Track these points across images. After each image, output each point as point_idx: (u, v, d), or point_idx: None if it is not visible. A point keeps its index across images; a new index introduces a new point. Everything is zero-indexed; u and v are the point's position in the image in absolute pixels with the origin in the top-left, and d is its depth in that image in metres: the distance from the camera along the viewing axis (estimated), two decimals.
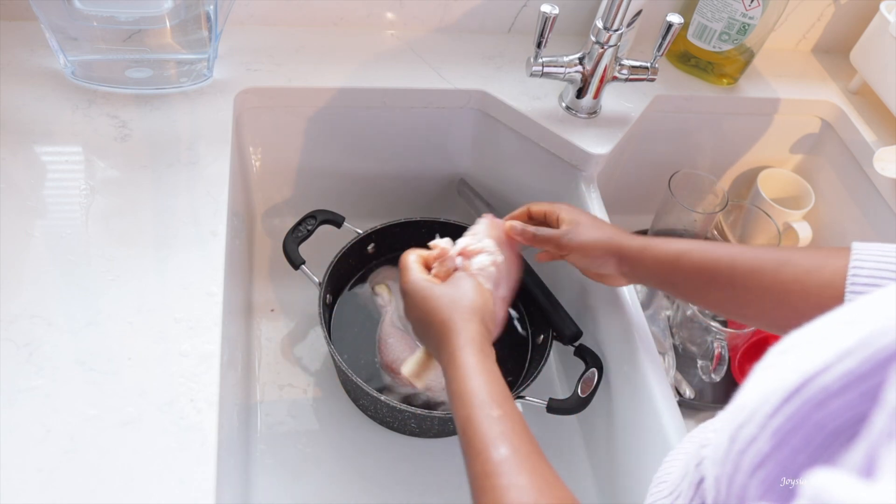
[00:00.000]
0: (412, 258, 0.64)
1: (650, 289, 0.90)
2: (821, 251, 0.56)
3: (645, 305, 0.87)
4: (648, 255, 0.63)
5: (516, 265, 0.71)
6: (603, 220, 0.70)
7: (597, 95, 0.82)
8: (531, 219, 0.72)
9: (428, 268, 0.65)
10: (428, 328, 0.59)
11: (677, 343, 0.89)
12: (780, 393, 0.29)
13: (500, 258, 0.66)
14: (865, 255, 0.53)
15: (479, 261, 0.64)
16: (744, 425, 0.31)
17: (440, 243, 0.66)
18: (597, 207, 0.81)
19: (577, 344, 0.76)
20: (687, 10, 0.89)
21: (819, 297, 0.53)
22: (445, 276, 0.64)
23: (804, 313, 0.54)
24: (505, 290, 0.67)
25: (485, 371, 0.52)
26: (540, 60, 0.78)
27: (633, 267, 0.65)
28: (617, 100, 0.86)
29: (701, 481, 0.39)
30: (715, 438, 0.35)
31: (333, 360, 0.73)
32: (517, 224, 0.70)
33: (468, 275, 0.63)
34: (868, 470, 0.24)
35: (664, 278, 0.63)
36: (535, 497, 0.42)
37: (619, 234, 0.66)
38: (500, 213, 0.92)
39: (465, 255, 0.65)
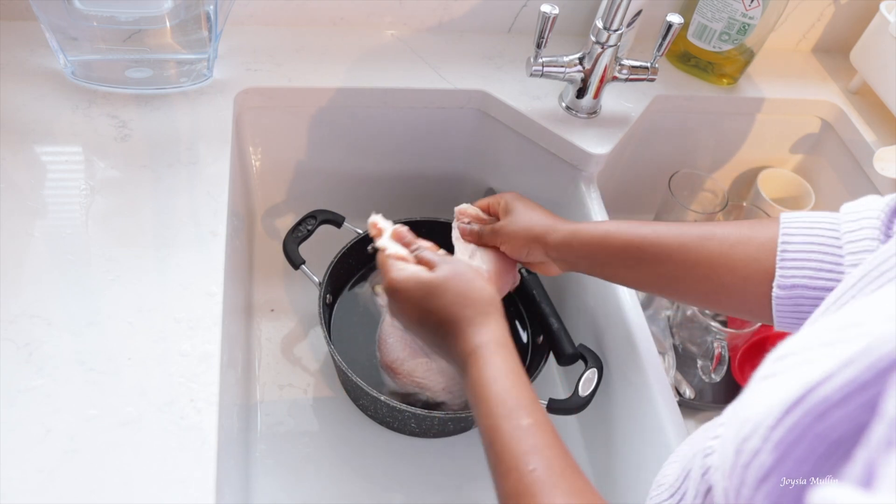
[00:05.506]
0: (389, 254, 0.60)
1: None
2: (746, 224, 0.56)
3: (645, 305, 0.87)
4: (574, 239, 0.62)
5: (507, 271, 0.70)
6: (537, 207, 0.69)
7: (597, 95, 0.82)
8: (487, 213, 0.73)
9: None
10: (436, 328, 0.54)
11: (677, 343, 0.89)
12: (782, 405, 0.29)
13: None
14: (794, 229, 0.52)
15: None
16: (748, 438, 0.31)
17: (380, 222, 0.65)
18: (597, 207, 0.81)
19: (577, 344, 0.76)
20: (687, 10, 0.89)
21: (746, 271, 0.53)
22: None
23: (731, 287, 0.54)
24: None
25: (511, 372, 0.48)
26: (540, 60, 0.78)
27: (561, 252, 0.63)
28: (617, 100, 0.86)
29: (709, 490, 0.39)
30: (720, 448, 0.35)
31: (333, 360, 0.73)
32: (465, 227, 0.72)
33: (464, 261, 0.60)
34: (867, 481, 0.24)
35: (592, 260, 0.62)
36: None
37: (547, 220, 0.65)
38: None
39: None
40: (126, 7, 0.71)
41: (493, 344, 0.50)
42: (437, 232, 0.87)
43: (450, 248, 0.83)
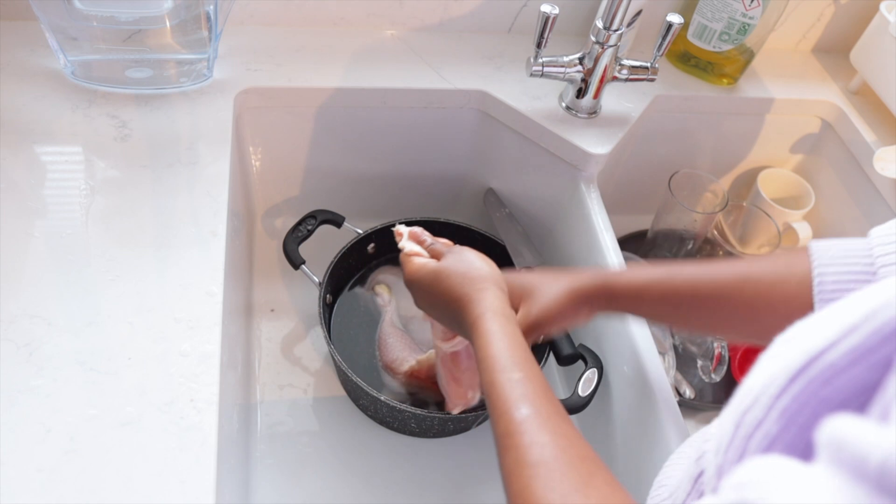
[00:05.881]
0: (406, 252, 0.65)
1: None
2: (779, 259, 0.56)
3: None
4: (615, 297, 0.61)
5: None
6: (546, 272, 0.65)
7: (597, 95, 0.82)
8: None
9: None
10: (446, 307, 0.59)
11: (677, 343, 0.89)
12: (786, 373, 0.30)
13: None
14: (827, 259, 0.52)
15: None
16: (749, 409, 0.31)
17: (401, 229, 0.68)
18: (597, 207, 0.81)
19: (577, 344, 0.76)
20: (687, 10, 0.89)
21: (786, 309, 0.53)
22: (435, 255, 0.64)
23: (773, 326, 0.54)
24: None
25: (506, 335, 0.52)
26: (540, 60, 0.78)
27: (603, 308, 0.63)
28: (617, 100, 0.86)
29: (700, 475, 0.39)
30: (717, 430, 0.35)
31: (333, 360, 0.73)
32: None
33: (466, 248, 0.63)
34: (882, 420, 0.24)
35: (630, 311, 0.63)
36: (556, 453, 0.42)
37: (575, 280, 0.62)
38: (521, 223, 0.92)
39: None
40: (126, 7, 0.71)
41: (489, 312, 0.54)
42: (436, 232, 0.86)
43: None
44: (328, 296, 0.81)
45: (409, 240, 0.67)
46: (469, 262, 0.60)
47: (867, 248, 0.52)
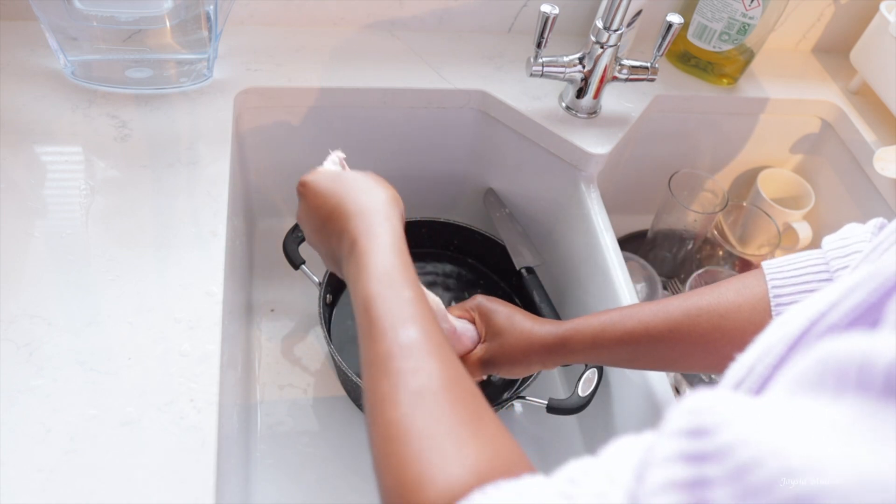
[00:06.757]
0: (318, 168, 0.58)
1: (650, 288, 0.90)
2: (731, 286, 0.55)
3: None
4: (571, 350, 0.61)
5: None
6: (520, 314, 0.65)
7: (597, 95, 0.82)
8: None
9: None
10: (335, 208, 0.51)
11: None
12: (786, 340, 0.28)
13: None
14: (781, 280, 0.52)
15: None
16: (743, 381, 0.30)
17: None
18: (597, 207, 0.81)
19: None
20: (687, 10, 0.89)
21: (744, 337, 0.51)
22: None
23: (732, 354, 0.54)
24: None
25: (402, 252, 0.46)
26: (540, 60, 0.78)
27: (559, 362, 0.63)
28: (617, 100, 0.86)
29: None
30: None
31: (333, 360, 0.73)
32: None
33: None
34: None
35: (588, 360, 0.63)
36: (445, 384, 0.37)
37: (538, 333, 0.62)
38: (521, 223, 0.92)
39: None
40: (126, 7, 0.71)
41: (388, 225, 0.49)
42: (436, 231, 0.87)
43: (449, 246, 0.82)
44: (328, 296, 0.81)
45: (333, 162, 0.61)
46: (383, 183, 0.54)
47: (823, 261, 0.51)
